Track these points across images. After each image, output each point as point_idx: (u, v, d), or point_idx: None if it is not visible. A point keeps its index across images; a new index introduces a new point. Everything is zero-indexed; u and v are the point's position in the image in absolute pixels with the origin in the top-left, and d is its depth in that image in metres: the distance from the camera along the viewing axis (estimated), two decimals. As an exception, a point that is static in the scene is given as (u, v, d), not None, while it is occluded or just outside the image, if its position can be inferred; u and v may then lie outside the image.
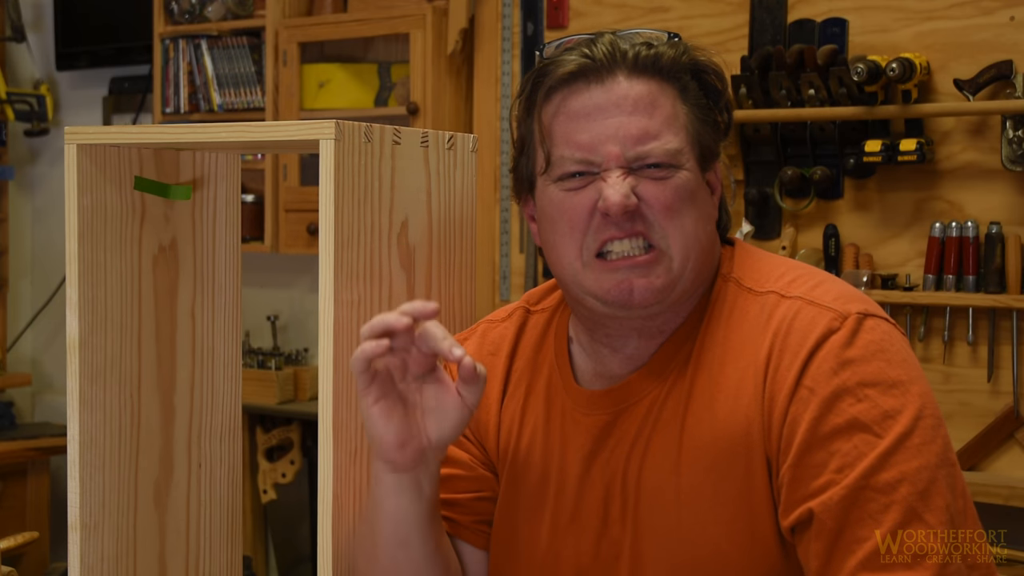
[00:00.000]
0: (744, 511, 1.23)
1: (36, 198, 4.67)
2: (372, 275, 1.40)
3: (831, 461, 1.16)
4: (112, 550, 1.56)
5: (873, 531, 1.14)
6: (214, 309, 1.68)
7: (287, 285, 4.10)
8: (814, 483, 1.17)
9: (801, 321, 1.23)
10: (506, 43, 3.49)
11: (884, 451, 1.15)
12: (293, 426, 3.83)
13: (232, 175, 1.69)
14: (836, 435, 1.17)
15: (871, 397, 1.17)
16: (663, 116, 1.27)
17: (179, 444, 1.65)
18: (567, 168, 1.28)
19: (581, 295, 1.31)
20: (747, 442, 1.23)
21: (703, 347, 1.29)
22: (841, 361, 1.19)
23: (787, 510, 1.20)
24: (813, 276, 1.29)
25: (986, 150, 2.80)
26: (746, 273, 1.32)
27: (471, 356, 1.29)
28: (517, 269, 3.49)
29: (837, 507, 1.15)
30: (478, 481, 1.42)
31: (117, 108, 4.41)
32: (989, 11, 2.80)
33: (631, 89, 1.27)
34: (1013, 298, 2.72)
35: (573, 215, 1.28)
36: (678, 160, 1.27)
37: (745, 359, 1.25)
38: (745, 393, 1.24)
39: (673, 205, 1.26)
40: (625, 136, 1.26)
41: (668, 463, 1.27)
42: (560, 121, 1.30)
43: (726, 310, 1.30)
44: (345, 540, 1.36)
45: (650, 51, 1.28)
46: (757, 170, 3.08)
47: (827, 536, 1.16)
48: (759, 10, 3.07)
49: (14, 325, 4.59)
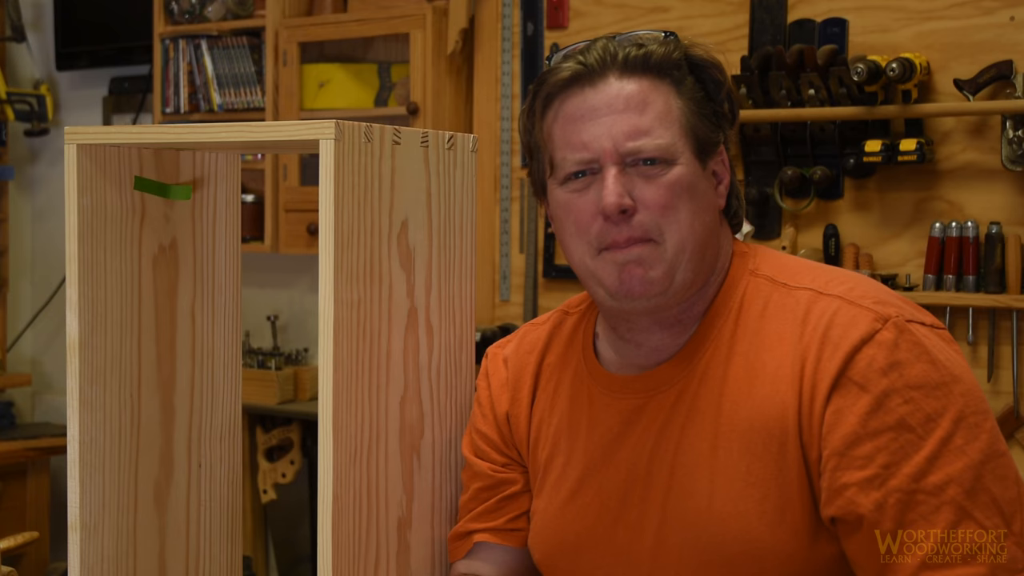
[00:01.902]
0: (775, 492, 1.27)
1: (36, 198, 4.66)
2: (372, 275, 1.40)
3: (878, 456, 1.22)
4: (112, 550, 1.56)
5: (928, 532, 1.19)
6: (214, 309, 1.68)
7: (287, 285, 4.10)
8: (860, 474, 1.22)
9: (842, 318, 1.28)
10: (506, 43, 3.49)
11: (929, 454, 1.21)
12: (293, 426, 3.83)
13: (232, 175, 1.69)
14: (884, 432, 1.22)
15: (915, 400, 1.23)
16: (654, 112, 1.33)
17: (179, 444, 1.65)
18: (568, 169, 1.35)
19: (594, 288, 1.37)
20: (782, 426, 1.28)
21: (736, 338, 1.34)
22: (890, 362, 1.24)
23: (831, 498, 1.25)
24: (849, 277, 1.35)
25: (986, 150, 2.80)
26: (777, 271, 1.38)
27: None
28: (517, 269, 3.49)
29: (892, 511, 1.21)
30: (500, 485, 1.50)
31: (117, 108, 4.41)
32: (989, 11, 2.80)
33: (622, 89, 1.33)
34: (1013, 298, 2.72)
35: (579, 216, 1.35)
36: (671, 154, 1.32)
37: (783, 348, 1.30)
38: (782, 379, 1.29)
39: (668, 202, 1.31)
40: (617, 133, 1.32)
41: (704, 445, 1.32)
42: (559, 126, 1.37)
43: (759, 303, 1.35)
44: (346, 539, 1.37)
45: (640, 51, 1.34)
46: (757, 170, 3.08)
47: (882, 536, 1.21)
48: (759, 10, 3.07)
49: (14, 325, 4.59)
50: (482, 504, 1.50)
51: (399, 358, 1.46)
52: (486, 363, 1.57)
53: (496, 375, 1.54)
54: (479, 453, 1.52)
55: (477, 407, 1.55)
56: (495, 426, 1.51)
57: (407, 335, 1.47)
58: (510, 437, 1.51)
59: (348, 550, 1.38)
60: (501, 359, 1.55)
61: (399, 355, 1.46)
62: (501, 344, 1.58)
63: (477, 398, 1.55)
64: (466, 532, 1.51)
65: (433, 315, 1.52)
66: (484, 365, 1.57)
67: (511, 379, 1.52)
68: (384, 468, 1.44)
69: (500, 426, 1.51)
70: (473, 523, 1.50)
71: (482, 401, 1.54)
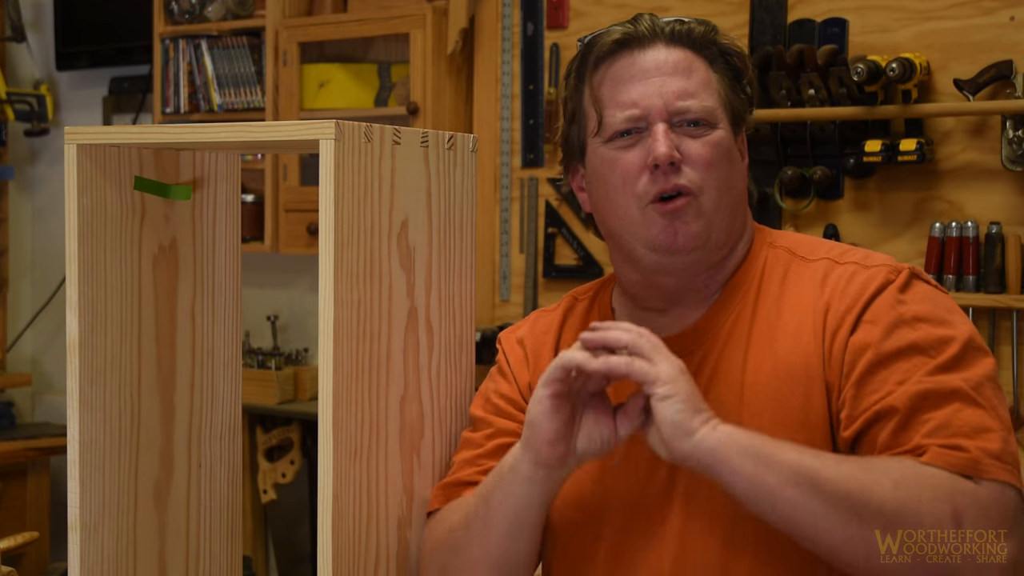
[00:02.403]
0: (802, 432, 1.33)
1: (36, 198, 4.66)
2: (372, 275, 1.40)
3: (892, 377, 1.30)
4: (112, 550, 1.56)
5: (937, 412, 1.26)
6: (214, 309, 1.68)
7: (287, 285, 4.10)
8: (875, 395, 1.30)
9: (859, 277, 1.38)
10: (506, 43, 3.49)
11: (941, 364, 1.29)
12: (293, 426, 3.83)
13: (232, 175, 1.69)
14: (896, 356, 1.31)
15: (924, 328, 1.32)
16: (699, 79, 1.42)
17: (179, 444, 1.65)
18: (617, 127, 1.41)
19: (633, 244, 1.42)
20: (807, 373, 1.35)
21: (758, 303, 1.42)
22: (898, 299, 1.34)
23: (850, 422, 1.31)
24: (861, 250, 1.45)
25: (986, 150, 2.80)
26: (794, 245, 1.46)
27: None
28: (517, 269, 3.49)
29: (904, 399, 1.27)
30: None
31: (117, 108, 4.41)
32: (989, 11, 2.80)
33: (670, 55, 1.43)
34: (1013, 298, 2.72)
35: (625, 170, 1.41)
36: (714, 118, 1.42)
37: (803, 308, 1.39)
38: (804, 333, 1.37)
39: (712, 159, 1.40)
40: (667, 92, 1.40)
41: (732, 400, 1.37)
42: (608, 85, 1.43)
43: (779, 272, 1.43)
44: (346, 539, 1.37)
45: (683, 26, 1.44)
46: (757, 170, 3.06)
47: (896, 421, 1.27)
48: (759, 10, 3.08)
49: (14, 325, 4.59)
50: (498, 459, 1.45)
51: (399, 358, 1.46)
52: (500, 346, 1.59)
53: (513, 353, 1.56)
54: (501, 413, 1.51)
55: (498, 376, 1.55)
56: (519, 392, 1.52)
57: (407, 335, 1.47)
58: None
59: (348, 550, 1.38)
60: (515, 340, 1.57)
61: (399, 355, 1.46)
62: (512, 330, 1.60)
63: (497, 370, 1.56)
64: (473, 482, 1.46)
65: (433, 315, 1.52)
66: (500, 348, 1.59)
67: (530, 356, 1.54)
68: (384, 468, 1.44)
69: (524, 394, 1.52)
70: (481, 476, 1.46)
71: (504, 371, 1.55)
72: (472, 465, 1.49)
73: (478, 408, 1.55)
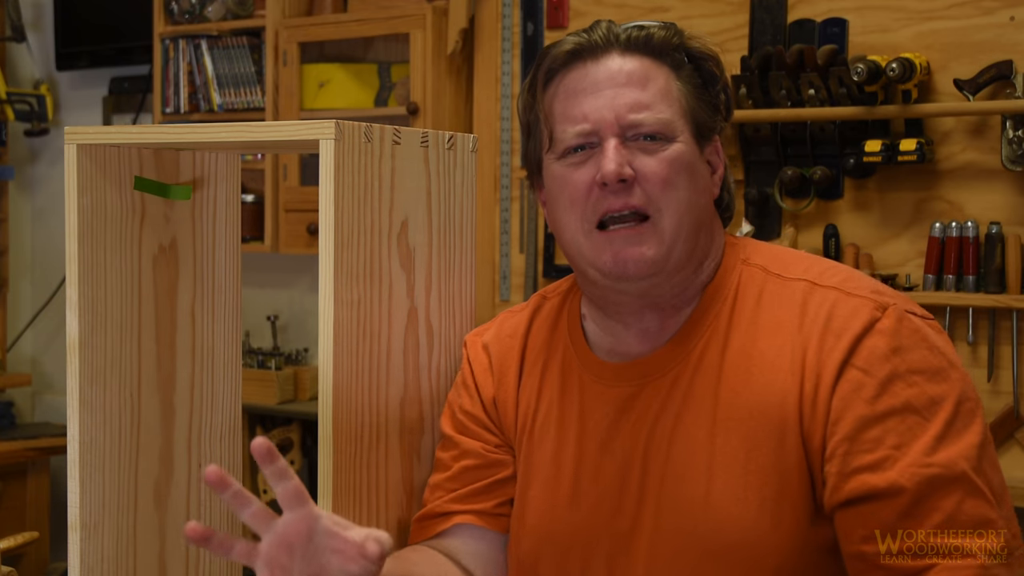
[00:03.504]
0: (774, 480, 1.27)
1: (36, 198, 4.66)
2: (372, 275, 1.40)
3: (887, 438, 1.24)
4: (112, 550, 1.56)
5: (941, 502, 1.21)
6: (214, 309, 1.68)
7: (287, 285, 4.10)
8: (869, 456, 1.24)
9: (842, 308, 1.30)
10: (506, 43, 3.49)
11: (936, 434, 1.23)
12: (293, 426, 3.83)
13: (232, 175, 1.69)
14: (891, 415, 1.24)
15: (919, 384, 1.25)
16: (655, 89, 1.34)
17: (179, 444, 1.65)
18: (568, 143, 1.34)
19: (585, 267, 1.36)
20: (782, 414, 1.28)
21: (732, 325, 1.34)
22: (892, 348, 1.26)
23: (840, 483, 1.25)
24: (840, 268, 1.37)
25: (986, 150, 2.80)
26: (769, 261, 1.38)
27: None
28: (517, 269, 3.49)
29: (912, 483, 1.22)
30: (494, 466, 1.45)
31: (117, 108, 4.41)
32: (989, 11, 2.80)
33: (624, 65, 1.35)
34: (1013, 298, 2.71)
35: (574, 189, 1.34)
36: (671, 131, 1.33)
37: (780, 338, 1.31)
38: (781, 368, 1.29)
39: (667, 176, 1.32)
40: (619, 105, 1.32)
41: (702, 434, 1.31)
42: (560, 99, 1.36)
43: (754, 292, 1.35)
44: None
45: (641, 32, 1.36)
46: (757, 170, 3.07)
47: (903, 505, 1.22)
48: (759, 10, 3.07)
49: (14, 325, 4.59)
50: (468, 486, 1.45)
51: (399, 358, 1.46)
52: (465, 351, 1.53)
53: (477, 361, 1.50)
54: (466, 431, 1.47)
55: (462, 388, 1.50)
56: (482, 408, 1.47)
57: (407, 335, 1.47)
58: (499, 421, 1.47)
59: None
60: (480, 346, 1.51)
61: (399, 355, 1.46)
62: (479, 332, 1.54)
63: (461, 380, 1.51)
64: (444, 512, 1.44)
65: (433, 315, 1.52)
66: (464, 352, 1.53)
67: (495, 364, 1.48)
68: (384, 468, 1.44)
69: (488, 409, 1.47)
70: (456, 504, 1.44)
71: (467, 383, 1.49)
72: (442, 490, 1.46)
73: (446, 422, 1.50)
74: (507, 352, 1.48)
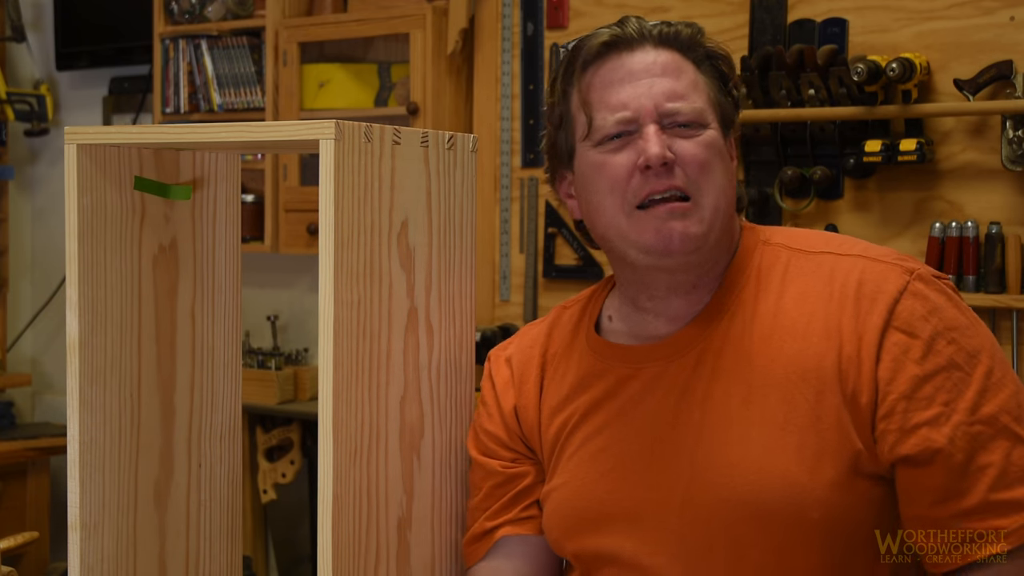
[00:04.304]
0: (812, 438, 1.32)
1: (36, 198, 4.66)
2: (372, 275, 1.40)
3: (938, 395, 1.31)
4: (112, 550, 1.56)
5: (991, 458, 1.29)
6: (214, 309, 1.68)
7: (287, 285, 4.10)
8: (927, 413, 1.30)
9: (871, 274, 1.36)
10: (506, 43, 3.49)
11: (979, 388, 1.31)
12: (293, 426, 3.83)
13: (232, 175, 1.69)
14: (939, 372, 1.31)
15: (957, 340, 1.33)
16: (688, 80, 1.41)
17: (179, 444, 1.65)
18: (608, 130, 1.39)
19: (625, 249, 1.40)
20: (819, 375, 1.33)
21: (759, 299, 1.40)
22: (928, 309, 1.34)
23: (903, 438, 1.30)
24: (859, 241, 1.44)
25: (986, 150, 2.80)
26: (789, 239, 1.45)
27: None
28: (517, 269, 3.49)
29: (960, 443, 1.29)
30: (514, 479, 1.51)
31: (117, 108, 4.41)
32: (989, 11, 2.80)
33: (658, 57, 1.41)
34: (1013, 298, 2.72)
35: (614, 173, 1.38)
36: (704, 119, 1.40)
37: (810, 305, 1.37)
38: (814, 333, 1.35)
39: (705, 160, 1.38)
40: (657, 93, 1.38)
41: (735, 402, 1.36)
42: (597, 88, 1.41)
43: (780, 267, 1.42)
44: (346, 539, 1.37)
45: (670, 28, 1.43)
46: (757, 170, 3.08)
47: (955, 468, 1.29)
48: (759, 10, 3.07)
49: (14, 325, 4.59)
50: (497, 501, 1.51)
51: (399, 358, 1.46)
52: (489, 366, 1.58)
53: (499, 375, 1.55)
54: (487, 452, 1.53)
55: (482, 407, 1.56)
56: (502, 424, 1.52)
57: (407, 335, 1.47)
58: (518, 431, 1.52)
59: (348, 550, 1.38)
60: (503, 360, 1.57)
61: (399, 355, 1.46)
62: (503, 347, 1.59)
63: (482, 399, 1.57)
64: (485, 531, 1.51)
65: (433, 315, 1.52)
66: (487, 368, 1.58)
67: (515, 375, 1.54)
68: (384, 468, 1.44)
69: (507, 422, 1.52)
70: (491, 521, 1.51)
71: (487, 401, 1.55)
72: (478, 511, 1.53)
73: (471, 444, 1.56)
74: (527, 361, 1.54)
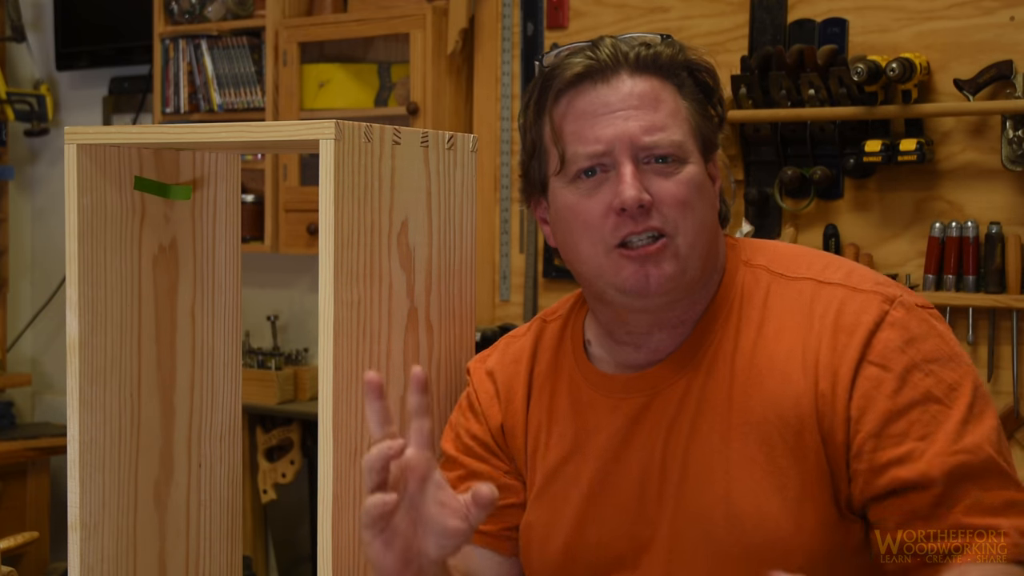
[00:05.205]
0: (794, 480, 1.28)
1: (36, 198, 4.66)
2: (372, 275, 1.40)
3: (912, 430, 1.26)
4: (112, 550, 1.56)
5: (971, 487, 1.24)
6: (214, 309, 1.68)
7: (287, 285, 4.10)
8: (897, 450, 1.25)
9: (850, 305, 1.31)
10: (506, 43, 3.49)
11: (960, 420, 1.26)
12: (293, 426, 3.83)
13: (232, 175, 1.69)
14: (913, 406, 1.26)
15: (935, 372, 1.28)
16: (667, 110, 1.33)
17: (179, 444, 1.65)
18: (581, 165, 1.33)
19: (603, 288, 1.35)
20: (798, 414, 1.29)
21: (740, 331, 1.35)
22: (905, 340, 1.29)
23: (872, 479, 1.26)
24: (842, 263, 1.38)
25: (986, 150, 2.80)
26: (771, 260, 1.39)
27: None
28: (517, 269, 3.49)
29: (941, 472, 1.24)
30: (504, 490, 1.42)
31: (117, 108, 4.41)
32: (989, 11, 2.80)
33: (635, 86, 1.33)
34: (1013, 298, 2.72)
35: (589, 216, 1.32)
36: (683, 152, 1.33)
37: (790, 339, 1.32)
38: (793, 370, 1.30)
39: (685, 199, 1.32)
40: (634, 127, 1.31)
41: (717, 439, 1.31)
42: (570, 120, 1.34)
43: (760, 294, 1.36)
44: (346, 539, 1.36)
45: (649, 51, 1.35)
46: (757, 170, 3.08)
47: (931, 497, 1.24)
48: (759, 10, 3.07)
49: (14, 325, 4.59)
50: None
51: (399, 358, 1.46)
52: (469, 378, 1.51)
53: (483, 388, 1.48)
54: (473, 454, 1.46)
55: (469, 412, 1.48)
56: (491, 435, 1.46)
57: (407, 335, 1.47)
58: (506, 448, 1.45)
59: (348, 550, 1.38)
60: (484, 372, 1.49)
61: (399, 355, 1.46)
62: (481, 358, 1.52)
63: (468, 404, 1.49)
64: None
65: (433, 315, 1.52)
66: (468, 380, 1.51)
67: (501, 391, 1.47)
68: (384, 468, 1.44)
69: (495, 436, 1.46)
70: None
71: (475, 408, 1.48)
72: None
73: (448, 444, 1.48)
74: (513, 378, 1.47)
